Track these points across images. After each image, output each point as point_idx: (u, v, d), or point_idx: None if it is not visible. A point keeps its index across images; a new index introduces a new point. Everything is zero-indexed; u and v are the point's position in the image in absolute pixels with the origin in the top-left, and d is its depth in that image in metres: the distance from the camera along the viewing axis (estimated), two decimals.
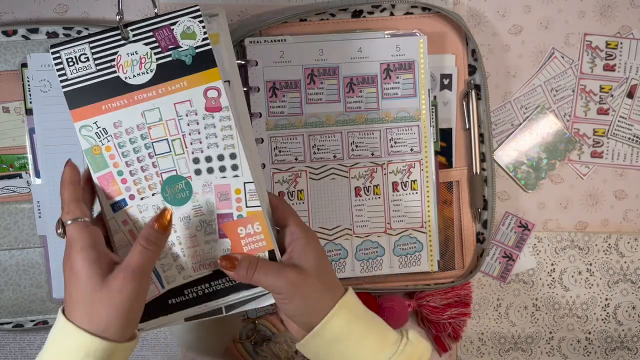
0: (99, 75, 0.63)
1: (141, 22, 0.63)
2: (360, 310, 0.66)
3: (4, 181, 0.79)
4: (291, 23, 0.81)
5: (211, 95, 0.63)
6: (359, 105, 0.81)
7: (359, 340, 0.64)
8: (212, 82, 0.63)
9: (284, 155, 0.81)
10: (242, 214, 0.64)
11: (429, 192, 0.82)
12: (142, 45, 0.63)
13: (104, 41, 0.64)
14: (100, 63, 0.63)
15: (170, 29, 0.63)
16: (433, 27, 0.83)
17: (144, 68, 0.63)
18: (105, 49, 0.63)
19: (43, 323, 0.81)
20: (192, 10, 0.63)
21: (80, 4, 0.81)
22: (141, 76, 0.63)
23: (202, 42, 0.63)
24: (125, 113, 0.63)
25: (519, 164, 0.88)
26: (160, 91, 0.63)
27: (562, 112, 0.88)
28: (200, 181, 0.64)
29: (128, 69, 0.63)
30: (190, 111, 0.64)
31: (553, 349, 0.89)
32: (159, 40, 0.63)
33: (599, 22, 0.87)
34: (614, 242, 0.88)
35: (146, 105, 0.63)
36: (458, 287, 0.85)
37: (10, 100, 0.79)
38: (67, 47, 0.64)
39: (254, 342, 0.84)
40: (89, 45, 0.64)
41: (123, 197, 0.64)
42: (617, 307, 0.89)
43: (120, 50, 0.63)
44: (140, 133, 0.64)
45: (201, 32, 0.63)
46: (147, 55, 0.63)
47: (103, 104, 0.63)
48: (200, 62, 0.63)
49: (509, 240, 0.88)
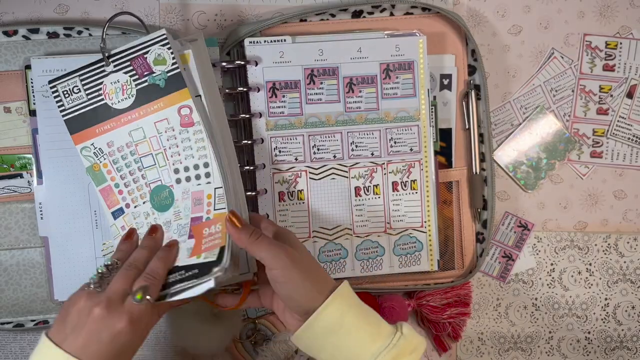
0: (90, 104, 0.73)
1: (119, 54, 0.72)
2: (355, 302, 0.66)
3: (5, 181, 0.79)
4: (291, 23, 0.81)
5: (184, 113, 0.71)
6: (359, 105, 0.81)
7: (351, 332, 0.64)
8: (183, 101, 0.71)
9: (284, 155, 0.81)
10: (210, 216, 0.70)
11: (428, 192, 0.83)
12: (122, 74, 0.72)
13: (90, 73, 0.73)
14: (90, 93, 0.73)
15: (144, 57, 0.71)
16: (433, 27, 0.83)
17: (126, 94, 0.72)
18: (92, 80, 0.73)
19: (43, 323, 0.81)
20: (161, 39, 0.71)
21: (81, 4, 0.81)
22: (125, 101, 0.72)
23: (172, 67, 0.71)
24: (116, 134, 0.72)
25: (518, 164, 0.88)
26: (142, 112, 0.72)
27: (561, 112, 0.88)
28: (181, 189, 0.72)
29: (113, 96, 0.72)
30: (168, 128, 0.71)
31: (553, 348, 0.89)
32: (135, 68, 0.72)
33: (598, 22, 0.88)
34: (613, 242, 0.88)
35: (132, 126, 0.72)
36: (458, 287, 0.85)
37: (11, 100, 0.79)
38: (62, 82, 0.73)
39: (254, 342, 0.85)
40: (79, 78, 0.73)
41: (120, 206, 0.73)
42: (617, 307, 0.89)
43: (105, 80, 0.72)
44: (129, 150, 0.72)
45: (170, 58, 0.71)
46: (127, 83, 0.72)
47: (97, 127, 0.73)
48: (172, 84, 0.71)
49: (509, 240, 0.88)
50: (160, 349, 0.84)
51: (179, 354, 0.84)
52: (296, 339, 0.66)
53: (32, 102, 0.77)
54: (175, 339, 0.81)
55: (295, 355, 0.85)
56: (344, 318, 0.64)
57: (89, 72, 0.73)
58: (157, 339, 0.84)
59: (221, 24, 0.83)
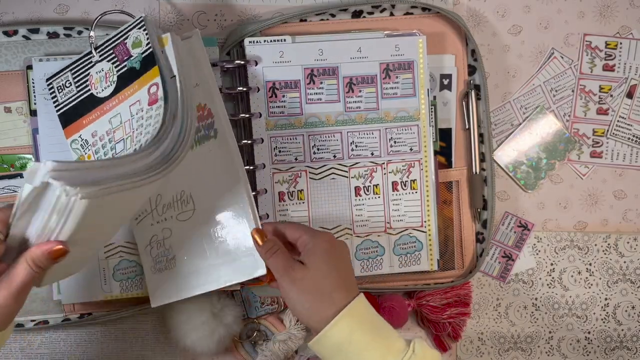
0: (79, 96, 0.73)
1: (105, 43, 0.72)
2: (367, 318, 0.66)
3: (5, 181, 0.79)
4: (291, 23, 0.81)
5: (152, 91, 0.68)
6: (359, 105, 0.81)
7: (361, 351, 0.64)
8: (153, 80, 0.68)
9: (284, 155, 0.81)
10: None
11: (428, 192, 0.83)
12: (106, 62, 0.72)
13: (80, 66, 0.73)
14: (78, 85, 0.73)
15: (124, 43, 0.70)
16: (433, 27, 0.83)
17: (108, 81, 0.71)
18: (81, 72, 0.73)
19: (44, 323, 0.81)
20: (139, 22, 0.70)
21: (81, 4, 0.81)
22: (107, 89, 0.71)
23: (146, 47, 0.69)
24: (99, 123, 0.71)
25: (518, 164, 0.88)
26: (121, 98, 0.70)
27: (561, 112, 0.88)
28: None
29: (98, 85, 0.72)
30: (139, 109, 0.69)
31: (552, 348, 0.89)
32: (117, 54, 0.71)
33: (598, 23, 0.88)
34: (613, 242, 0.88)
35: (112, 113, 0.71)
36: (458, 287, 0.85)
37: (12, 100, 0.79)
38: (57, 77, 0.74)
39: (254, 342, 0.85)
40: (70, 72, 0.73)
41: None
42: (617, 307, 0.89)
43: (91, 71, 0.72)
44: (108, 138, 0.71)
45: (145, 39, 0.69)
46: (109, 70, 0.71)
47: (84, 119, 0.72)
48: (146, 65, 0.69)
49: (509, 240, 0.88)
50: (161, 349, 0.84)
51: (179, 354, 0.84)
52: (310, 347, 0.68)
53: (33, 102, 0.78)
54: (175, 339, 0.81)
55: (295, 355, 0.85)
56: (352, 336, 0.64)
57: (78, 65, 0.73)
58: (158, 339, 0.84)
59: (221, 24, 0.83)
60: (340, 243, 0.71)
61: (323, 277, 0.67)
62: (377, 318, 0.67)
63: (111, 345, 0.84)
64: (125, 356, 0.84)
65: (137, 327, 0.84)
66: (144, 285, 0.79)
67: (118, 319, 0.83)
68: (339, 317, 0.65)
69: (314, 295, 0.66)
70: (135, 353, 0.84)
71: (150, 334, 0.84)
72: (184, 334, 0.80)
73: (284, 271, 0.67)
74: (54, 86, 0.74)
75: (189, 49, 0.73)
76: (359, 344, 0.64)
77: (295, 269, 0.67)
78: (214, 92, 0.73)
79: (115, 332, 0.84)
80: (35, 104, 0.77)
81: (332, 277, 0.67)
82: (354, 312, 0.66)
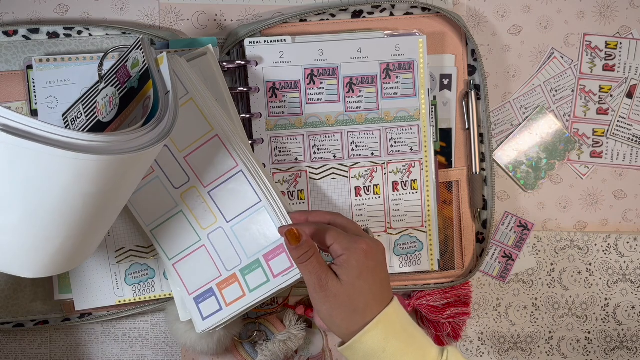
0: (87, 125, 0.73)
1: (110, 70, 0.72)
2: (400, 326, 0.65)
3: None
4: (291, 23, 0.81)
5: (146, 104, 0.67)
6: (359, 105, 0.81)
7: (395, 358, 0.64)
8: (147, 93, 0.67)
9: (284, 155, 0.81)
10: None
11: (428, 192, 0.83)
12: (110, 88, 0.72)
13: (89, 96, 0.73)
14: (87, 114, 0.73)
15: (125, 66, 0.70)
16: (433, 27, 0.83)
17: (112, 105, 0.71)
18: (89, 102, 0.73)
19: (44, 323, 0.81)
20: (138, 44, 0.69)
21: (81, 4, 0.81)
22: (111, 113, 0.71)
23: (142, 65, 0.68)
24: None
25: (518, 164, 0.88)
26: (122, 119, 0.69)
27: (561, 112, 0.88)
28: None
29: (103, 110, 0.71)
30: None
31: (552, 348, 0.89)
32: (119, 78, 0.71)
33: (598, 23, 0.88)
34: (613, 242, 0.89)
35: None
36: (458, 287, 0.85)
37: (12, 101, 0.79)
38: (70, 111, 0.75)
39: (254, 342, 0.85)
40: (81, 104, 0.74)
41: None
42: (617, 307, 0.89)
43: (97, 98, 0.72)
44: None
45: (142, 58, 0.68)
46: (113, 94, 0.71)
47: None
48: (143, 82, 0.68)
49: (509, 240, 0.88)
50: (161, 349, 0.84)
51: (179, 354, 0.84)
52: (340, 351, 0.67)
53: (34, 102, 0.78)
54: (175, 339, 0.81)
55: (295, 355, 0.85)
56: (387, 343, 0.63)
57: (88, 96, 0.74)
58: (158, 339, 0.84)
59: (221, 24, 0.83)
60: (375, 250, 0.67)
61: (357, 294, 0.65)
62: (410, 324, 0.66)
63: (111, 345, 0.84)
64: (125, 356, 0.84)
65: (137, 327, 0.84)
66: (156, 289, 0.80)
67: (118, 319, 0.83)
68: (373, 324, 0.64)
69: (346, 313, 0.65)
70: (136, 353, 0.84)
71: (150, 334, 0.84)
72: (184, 334, 0.80)
73: (319, 286, 0.65)
74: (68, 120, 0.75)
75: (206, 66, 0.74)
76: (393, 352, 0.63)
77: (329, 284, 0.64)
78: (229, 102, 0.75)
79: (115, 332, 0.84)
80: (35, 104, 0.77)
81: (366, 292, 0.65)
82: (389, 318, 0.65)
